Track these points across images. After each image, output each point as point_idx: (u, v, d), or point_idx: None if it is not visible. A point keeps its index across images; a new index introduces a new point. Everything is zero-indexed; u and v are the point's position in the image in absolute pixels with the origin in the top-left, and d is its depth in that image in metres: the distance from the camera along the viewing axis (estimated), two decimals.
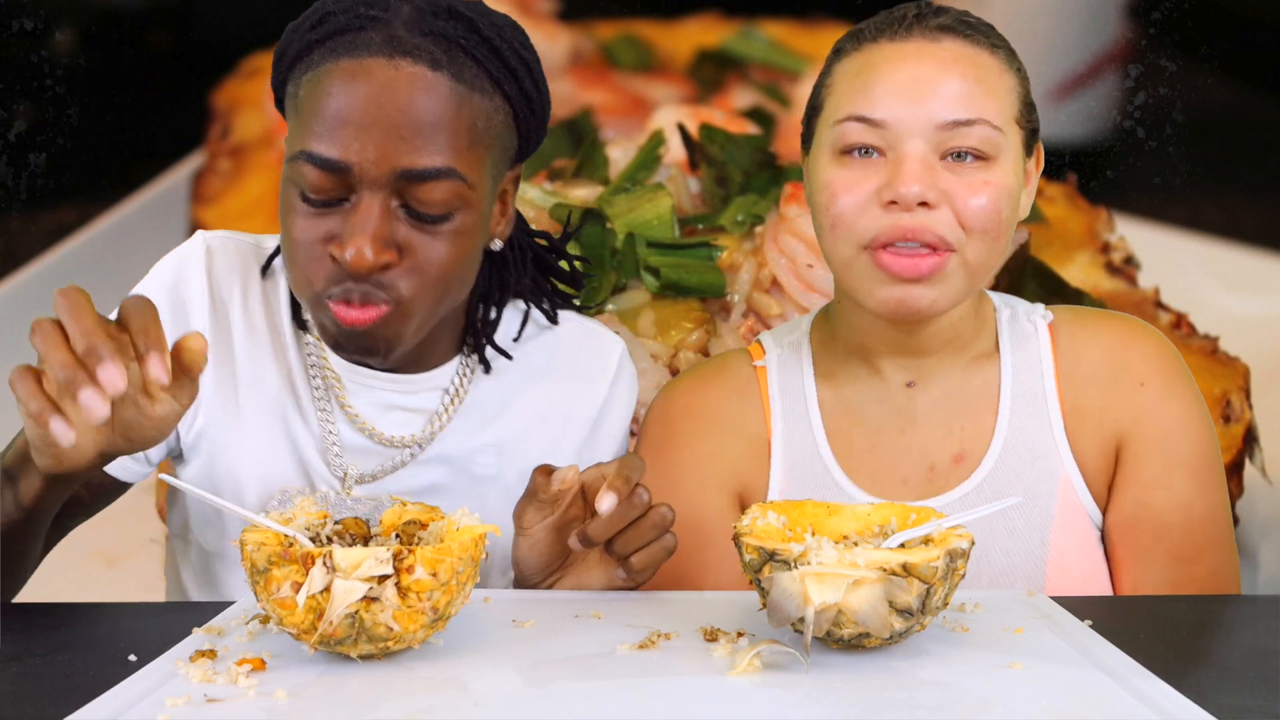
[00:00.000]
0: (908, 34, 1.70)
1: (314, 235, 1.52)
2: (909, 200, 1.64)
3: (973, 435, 1.75)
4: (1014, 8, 4.97)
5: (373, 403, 1.68)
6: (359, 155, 1.48)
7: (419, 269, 1.52)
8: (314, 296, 1.54)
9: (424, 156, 1.49)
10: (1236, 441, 2.36)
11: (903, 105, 1.66)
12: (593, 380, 1.76)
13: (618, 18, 4.69)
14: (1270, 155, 5.57)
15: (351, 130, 1.48)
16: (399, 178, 1.50)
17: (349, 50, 1.51)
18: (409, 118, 1.48)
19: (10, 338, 3.35)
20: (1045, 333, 1.78)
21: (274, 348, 1.68)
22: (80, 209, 4.45)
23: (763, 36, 4.39)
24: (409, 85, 1.49)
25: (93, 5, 5.49)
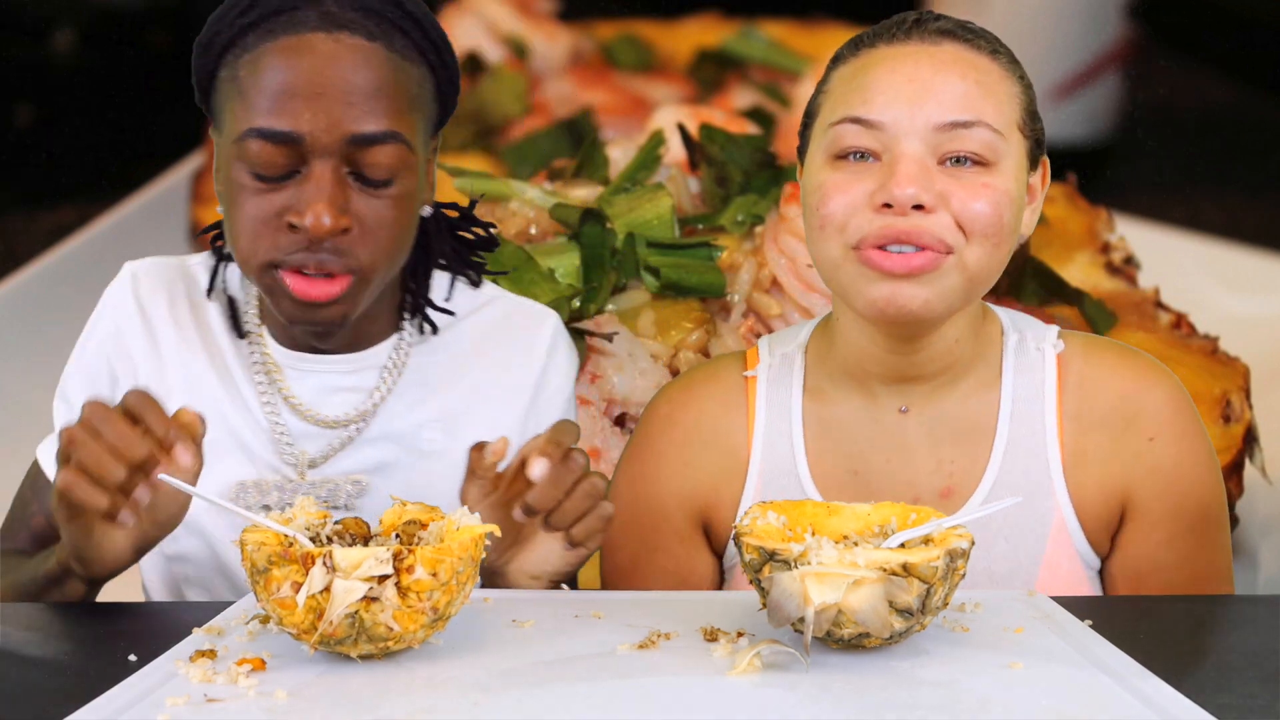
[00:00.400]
0: (906, 38, 1.65)
1: (268, 210, 1.57)
2: (903, 203, 1.58)
3: (963, 470, 1.69)
4: (1014, 8, 4.98)
5: (315, 388, 1.72)
6: (310, 125, 1.54)
7: (372, 234, 1.57)
8: (266, 267, 1.59)
9: (371, 121, 1.55)
10: (1236, 441, 2.36)
11: (899, 106, 1.60)
12: (529, 352, 1.77)
13: (618, 18, 4.69)
14: (1270, 155, 5.58)
15: (300, 102, 1.54)
16: (349, 143, 1.55)
17: (286, 29, 1.57)
18: (354, 86, 1.55)
19: (10, 338, 3.36)
20: (1053, 364, 1.71)
21: (208, 352, 1.74)
22: (80, 209, 4.46)
23: (763, 36, 4.40)
24: (350, 56, 1.55)
25: (93, 5, 5.49)
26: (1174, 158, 5.61)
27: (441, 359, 1.76)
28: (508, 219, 2.45)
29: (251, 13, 1.58)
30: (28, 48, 5.45)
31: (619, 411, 2.22)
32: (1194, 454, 1.69)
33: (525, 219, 2.45)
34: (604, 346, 2.23)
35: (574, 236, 2.38)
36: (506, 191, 2.48)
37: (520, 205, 2.46)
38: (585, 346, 2.22)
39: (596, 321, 2.26)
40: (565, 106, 3.99)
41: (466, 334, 1.77)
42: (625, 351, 2.24)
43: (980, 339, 1.70)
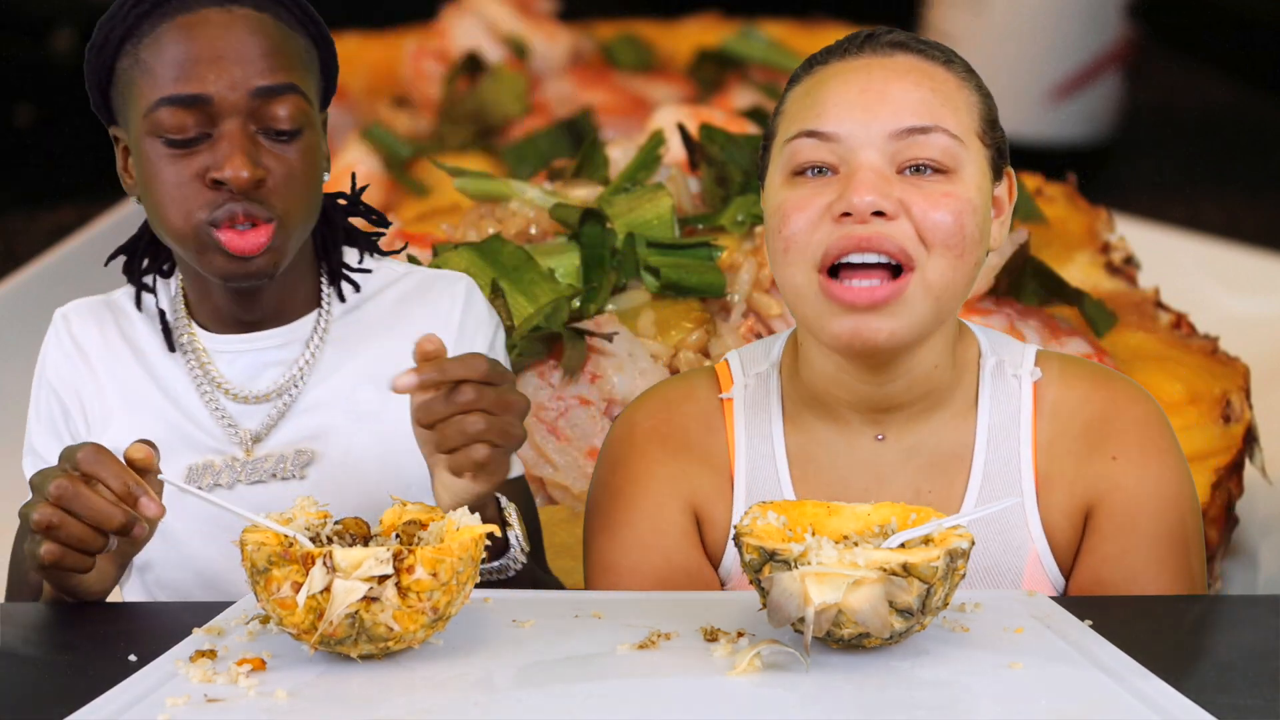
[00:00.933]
0: (859, 52, 1.62)
1: (186, 175, 1.67)
2: (862, 210, 1.53)
3: (939, 501, 1.66)
4: (1014, 8, 4.98)
5: (245, 367, 1.80)
6: (215, 85, 1.65)
7: (285, 183, 1.68)
8: (197, 229, 1.68)
9: (270, 76, 1.67)
10: (1236, 441, 2.36)
11: (854, 116, 1.57)
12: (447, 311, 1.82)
13: (618, 18, 4.69)
14: (1270, 155, 5.58)
15: (204, 66, 1.66)
16: (253, 97, 1.66)
17: (181, 9, 1.69)
18: (251, 48, 1.67)
19: (10, 338, 3.36)
20: (1029, 392, 1.68)
21: (141, 363, 1.82)
22: (80, 209, 4.46)
23: (763, 36, 4.39)
24: (244, 23, 1.68)
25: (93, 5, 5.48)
26: (1174, 158, 5.61)
27: (363, 326, 1.83)
28: (508, 219, 2.45)
29: (144, 3, 1.69)
30: (28, 48, 5.44)
31: (619, 411, 2.22)
32: (1159, 474, 1.66)
33: (525, 219, 2.45)
34: (604, 346, 2.23)
35: (574, 236, 2.38)
36: (506, 191, 2.48)
37: (520, 205, 2.46)
38: (585, 346, 2.22)
39: (596, 321, 2.26)
40: (565, 106, 3.98)
41: (385, 301, 1.84)
42: (625, 351, 2.24)
43: (957, 365, 1.66)
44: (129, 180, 1.75)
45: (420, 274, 1.87)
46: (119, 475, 1.54)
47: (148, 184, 1.70)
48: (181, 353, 1.81)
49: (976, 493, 1.66)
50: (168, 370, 1.82)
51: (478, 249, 2.32)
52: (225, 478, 1.78)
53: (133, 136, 1.71)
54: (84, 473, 1.54)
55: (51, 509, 1.53)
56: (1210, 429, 2.36)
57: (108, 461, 1.55)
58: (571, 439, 2.19)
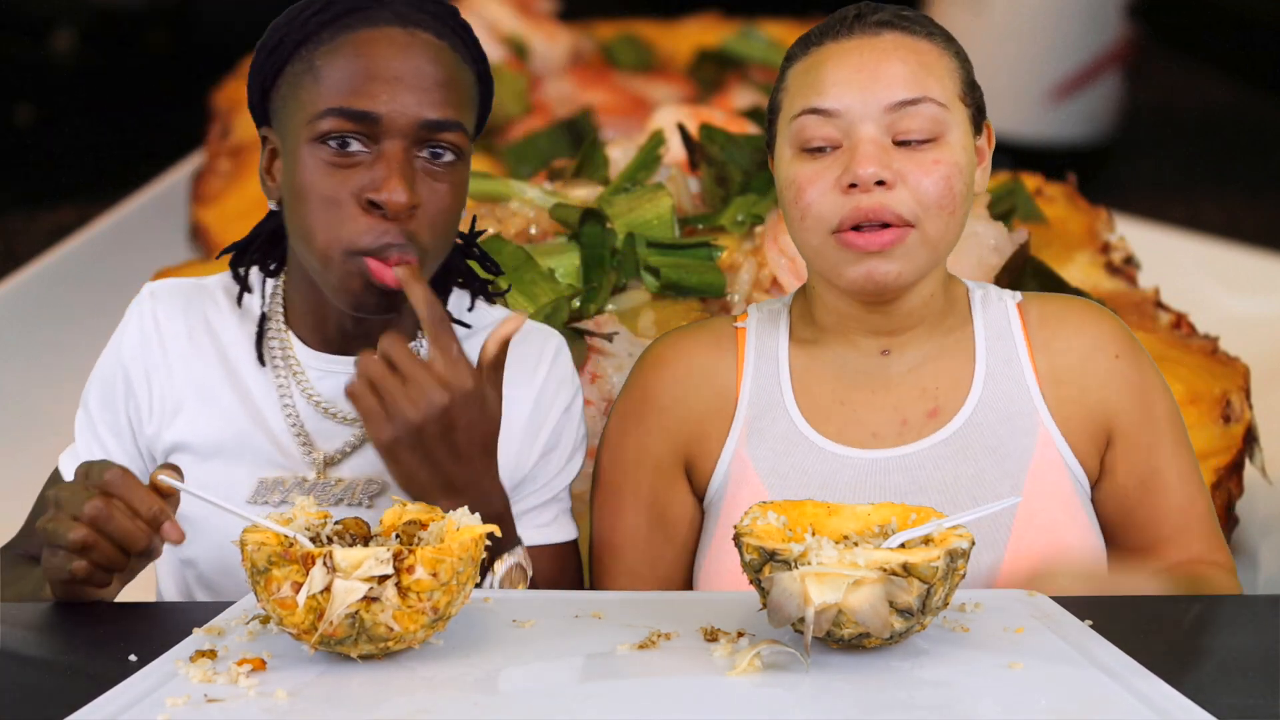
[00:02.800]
0: (849, 33, 1.81)
1: (345, 190, 1.65)
2: (866, 181, 1.74)
3: (947, 392, 1.83)
4: (1014, 8, 4.97)
5: (336, 386, 1.77)
6: (387, 106, 1.64)
7: (432, 216, 1.66)
8: (345, 253, 1.65)
9: (440, 109, 1.66)
10: (1236, 441, 2.36)
11: (851, 93, 1.76)
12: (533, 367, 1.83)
13: (618, 18, 4.69)
14: (1270, 155, 5.58)
15: (379, 84, 1.64)
16: (420, 127, 1.65)
17: (364, 24, 1.67)
18: (427, 74, 1.66)
19: (10, 338, 3.36)
20: (1014, 309, 1.87)
21: (224, 364, 1.80)
22: (80, 209, 4.46)
23: (763, 36, 4.39)
24: (424, 48, 1.67)
25: (93, 5, 5.49)
26: (1174, 158, 5.62)
27: None
28: (508, 219, 2.45)
29: (325, 13, 1.68)
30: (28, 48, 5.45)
31: None
32: (1150, 367, 1.86)
33: (525, 219, 2.45)
34: (604, 346, 2.23)
35: (574, 236, 2.38)
36: (506, 191, 2.48)
37: (520, 205, 2.46)
38: (585, 346, 2.22)
39: (596, 321, 2.27)
40: (565, 106, 3.98)
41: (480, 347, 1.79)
42: (625, 351, 2.24)
43: (948, 295, 1.87)
44: (271, 183, 1.73)
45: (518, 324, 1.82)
46: (146, 501, 1.56)
47: (299, 191, 1.67)
48: (271, 361, 1.78)
49: (982, 382, 1.83)
50: (251, 374, 1.79)
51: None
52: (294, 496, 1.76)
53: (289, 142, 1.69)
54: (111, 495, 1.56)
55: (86, 529, 1.55)
56: (1210, 429, 2.36)
57: (134, 486, 1.56)
58: None
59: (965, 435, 1.80)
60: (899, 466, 1.79)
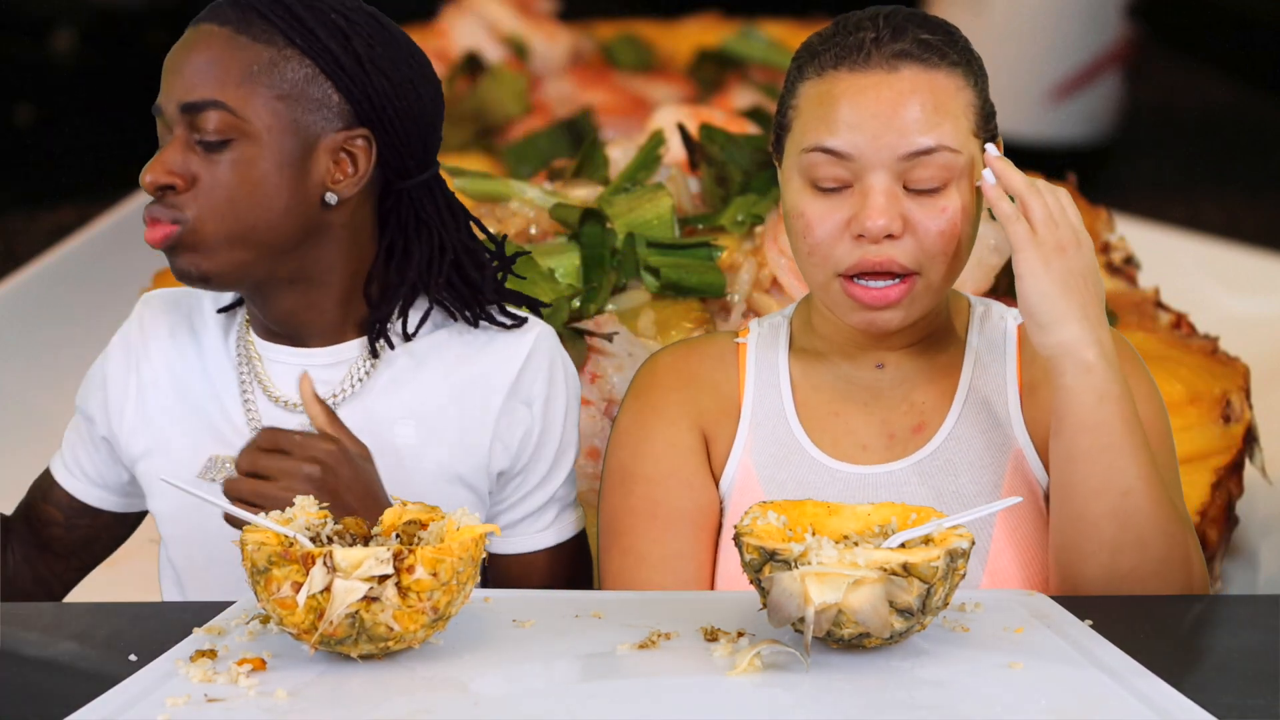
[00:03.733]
0: (866, 63, 1.74)
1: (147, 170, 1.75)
2: (876, 234, 1.72)
3: (933, 408, 1.82)
4: (1014, 8, 4.97)
5: (281, 374, 1.81)
6: (164, 97, 1.77)
7: (205, 191, 1.73)
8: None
9: (197, 92, 1.74)
10: (1236, 441, 2.36)
11: (865, 138, 1.73)
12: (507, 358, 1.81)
13: (618, 18, 4.69)
14: (1270, 155, 5.58)
15: (166, 78, 1.78)
16: (182, 110, 1.75)
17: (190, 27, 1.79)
18: (191, 61, 1.75)
19: (10, 338, 3.36)
20: (1013, 330, 1.85)
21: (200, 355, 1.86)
22: (80, 209, 4.46)
23: (763, 36, 4.39)
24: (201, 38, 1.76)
25: (93, 5, 5.49)
26: (1174, 158, 5.61)
27: (422, 358, 1.80)
28: (508, 219, 2.45)
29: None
30: (28, 48, 5.45)
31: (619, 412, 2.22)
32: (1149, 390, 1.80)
33: (525, 219, 2.45)
34: (604, 346, 2.23)
35: (574, 236, 2.38)
36: (506, 191, 2.48)
37: (520, 205, 2.46)
38: (585, 346, 2.22)
39: (596, 321, 2.26)
40: (565, 106, 3.98)
41: (451, 339, 1.82)
42: (625, 351, 2.24)
43: (949, 311, 1.86)
44: None
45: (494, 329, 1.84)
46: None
47: None
48: (235, 351, 1.84)
49: (964, 397, 1.82)
50: (218, 364, 1.84)
51: None
52: None
53: None
54: None
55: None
56: (1210, 429, 2.36)
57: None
58: None
59: (947, 450, 1.80)
60: (886, 482, 1.79)
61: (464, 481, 1.79)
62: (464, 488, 1.79)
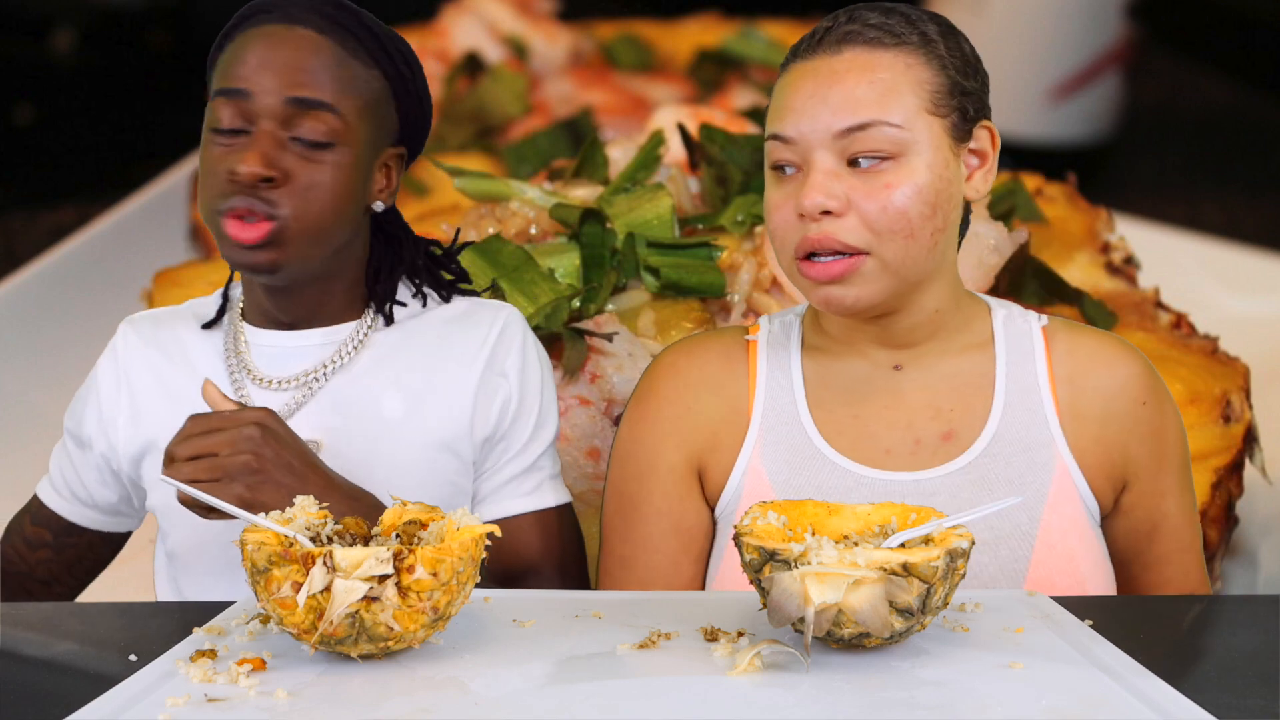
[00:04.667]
0: (813, 52, 1.78)
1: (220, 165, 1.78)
2: (811, 211, 1.73)
3: (963, 418, 1.80)
4: (1014, 8, 4.97)
5: (277, 359, 1.87)
6: (256, 85, 1.77)
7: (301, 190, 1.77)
8: (211, 215, 1.80)
9: (307, 90, 1.77)
10: (1236, 441, 2.36)
11: (804, 120, 1.75)
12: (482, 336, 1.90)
13: (618, 18, 4.69)
14: (1270, 155, 5.57)
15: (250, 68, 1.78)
16: (287, 105, 1.77)
17: (255, 24, 1.82)
18: (298, 61, 1.79)
19: (10, 338, 3.36)
20: (1039, 334, 1.83)
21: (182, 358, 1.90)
22: (80, 209, 4.46)
23: (763, 36, 4.39)
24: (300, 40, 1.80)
25: (93, 5, 5.48)
26: (1174, 158, 5.61)
27: (404, 339, 1.89)
28: (508, 219, 2.45)
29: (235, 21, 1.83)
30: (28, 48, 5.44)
31: (619, 412, 2.22)
32: (1173, 414, 1.85)
33: (525, 219, 2.45)
34: (604, 346, 2.23)
35: (574, 236, 2.38)
36: (506, 191, 2.48)
37: (520, 205, 2.46)
38: (585, 346, 2.22)
39: (596, 321, 2.26)
40: (565, 106, 3.98)
41: (431, 322, 1.90)
42: (625, 351, 2.24)
43: (964, 310, 1.83)
44: None
45: (473, 302, 1.94)
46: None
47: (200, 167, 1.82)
48: (224, 341, 1.89)
49: (1000, 413, 1.80)
50: (202, 357, 1.89)
51: (478, 249, 2.32)
52: None
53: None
54: None
55: None
56: (1210, 429, 2.36)
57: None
58: (572, 439, 2.19)
59: (983, 466, 1.78)
60: (915, 491, 1.76)
61: (450, 448, 1.85)
62: (450, 454, 1.85)
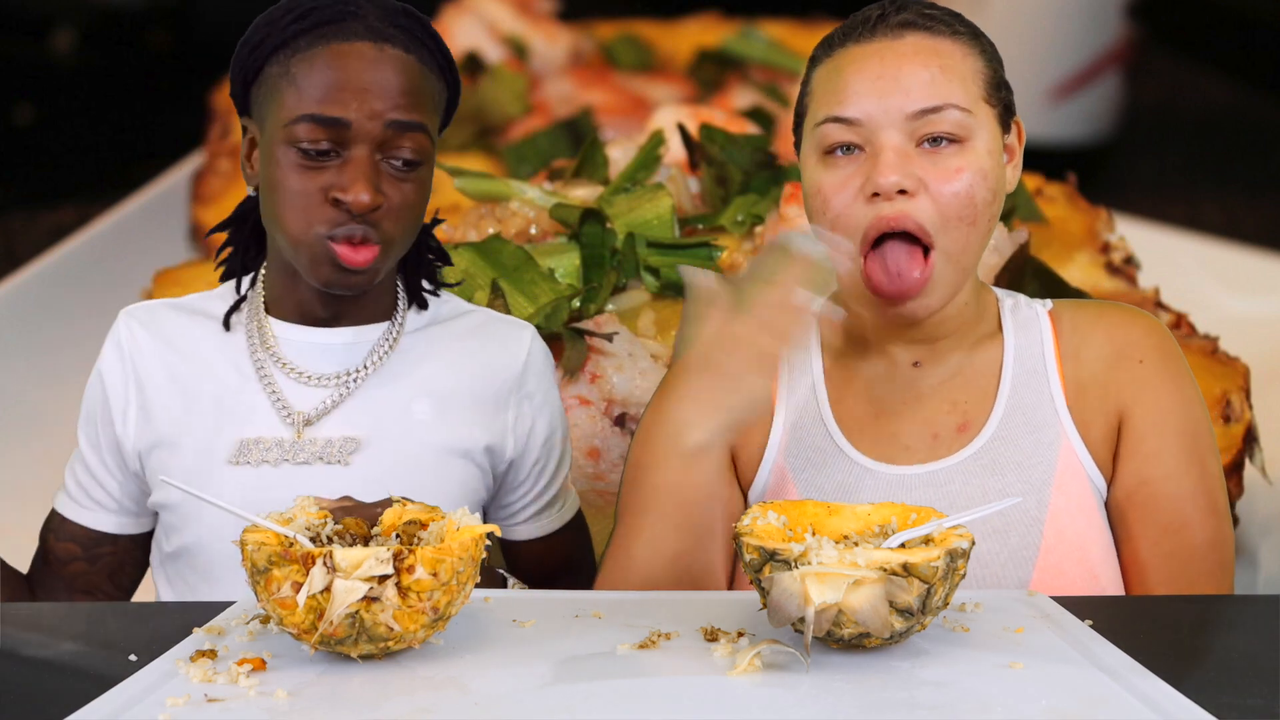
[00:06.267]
0: (871, 35, 1.78)
1: (314, 186, 1.78)
2: (889, 189, 1.72)
3: (975, 406, 1.81)
4: (1014, 8, 4.97)
5: (311, 355, 1.88)
6: (356, 113, 1.77)
7: (397, 211, 1.80)
8: (316, 239, 1.78)
9: (405, 114, 1.79)
10: (1236, 441, 2.36)
11: (872, 101, 1.74)
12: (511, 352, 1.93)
13: (618, 18, 4.69)
14: (1270, 155, 5.57)
15: (349, 94, 1.78)
16: (386, 129, 1.78)
17: (338, 36, 1.80)
18: (393, 85, 1.79)
19: (10, 338, 3.36)
20: (1046, 318, 1.84)
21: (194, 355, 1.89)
22: (80, 209, 4.46)
23: (763, 36, 4.39)
24: (392, 62, 1.80)
25: (93, 5, 5.48)
26: (1174, 158, 5.61)
27: (433, 344, 1.91)
28: (508, 219, 2.45)
29: (305, 20, 1.80)
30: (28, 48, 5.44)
31: (619, 411, 2.22)
32: (1177, 378, 1.82)
33: (525, 219, 2.45)
34: (604, 346, 2.23)
35: (574, 236, 2.38)
36: (506, 191, 2.48)
37: (520, 205, 2.46)
38: (585, 346, 2.22)
39: (596, 321, 2.27)
40: (565, 106, 3.98)
41: (457, 328, 1.93)
42: (625, 351, 2.24)
43: (980, 304, 1.85)
44: (250, 170, 1.86)
45: (488, 313, 1.98)
46: None
47: (273, 184, 1.80)
48: (246, 336, 1.88)
49: (1008, 395, 1.81)
50: (220, 354, 1.88)
51: (478, 249, 2.32)
52: (273, 455, 1.83)
53: (266, 137, 1.81)
54: None
55: None
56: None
57: None
58: (572, 439, 2.19)
59: (992, 449, 1.78)
60: (930, 481, 1.77)
61: (471, 458, 1.87)
62: (471, 463, 1.87)
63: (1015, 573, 1.74)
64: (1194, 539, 1.78)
